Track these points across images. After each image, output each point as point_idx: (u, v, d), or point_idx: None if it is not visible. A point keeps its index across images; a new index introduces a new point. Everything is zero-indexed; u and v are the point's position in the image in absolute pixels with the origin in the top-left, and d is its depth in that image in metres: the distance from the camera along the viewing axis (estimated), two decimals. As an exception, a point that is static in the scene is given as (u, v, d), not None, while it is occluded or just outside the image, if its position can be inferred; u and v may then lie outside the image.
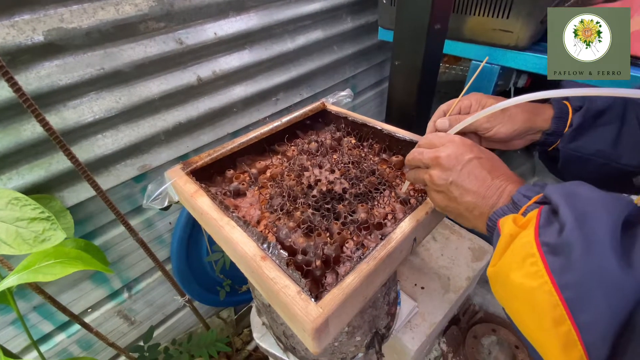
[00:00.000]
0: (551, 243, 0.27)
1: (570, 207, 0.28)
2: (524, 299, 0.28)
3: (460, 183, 0.38)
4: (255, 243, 0.42)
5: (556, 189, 0.31)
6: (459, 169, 0.38)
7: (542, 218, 0.29)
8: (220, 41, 0.84)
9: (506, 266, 0.30)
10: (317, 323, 0.33)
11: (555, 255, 0.27)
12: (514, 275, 0.29)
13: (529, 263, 0.28)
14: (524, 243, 0.29)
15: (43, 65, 0.62)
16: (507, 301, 0.31)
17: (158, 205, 0.56)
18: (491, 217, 0.35)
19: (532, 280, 0.27)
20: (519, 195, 0.34)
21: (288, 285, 0.37)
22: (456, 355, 1.16)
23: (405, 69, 0.78)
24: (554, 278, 0.26)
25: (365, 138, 0.69)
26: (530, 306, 0.27)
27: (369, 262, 0.39)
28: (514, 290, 0.29)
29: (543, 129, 0.49)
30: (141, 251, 0.90)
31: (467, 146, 0.40)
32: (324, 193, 0.54)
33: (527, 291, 0.27)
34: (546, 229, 0.28)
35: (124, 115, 0.74)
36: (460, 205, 0.38)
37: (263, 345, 0.76)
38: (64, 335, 0.85)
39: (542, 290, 0.26)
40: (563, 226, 0.27)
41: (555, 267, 0.26)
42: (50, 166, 0.68)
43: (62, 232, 0.42)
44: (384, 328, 0.69)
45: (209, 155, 0.61)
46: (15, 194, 0.41)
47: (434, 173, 0.40)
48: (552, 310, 0.25)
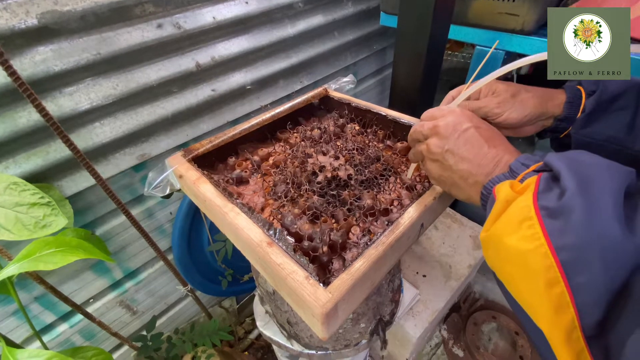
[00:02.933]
0: (550, 207, 0.26)
1: (572, 172, 0.27)
2: (517, 262, 0.28)
3: (456, 151, 0.37)
4: (261, 229, 0.41)
5: (557, 156, 0.30)
6: (456, 136, 0.37)
7: (541, 184, 0.29)
8: (219, 26, 0.81)
9: (500, 230, 0.29)
10: (326, 308, 0.32)
11: (554, 219, 0.26)
12: (509, 239, 0.28)
13: (526, 226, 0.27)
14: (522, 207, 0.28)
15: (37, 50, 0.60)
16: (499, 265, 0.30)
17: (159, 193, 0.55)
18: (486, 185, 0.34)
19: (527, 243, 0.26)
20: (517, 163, 0.33)
21: (296, 271, 0.36)
22: (457, 342, 1.17)
23: (410, 53, 0.76)
24: (550, 240, 0.25)
25: (369, 124, 0.68)
26: (524, 269, 0.27)
27: (377, 247, 0.38)
28: (507, 254, 0.28)
29: (555, 115, 0.48)
30: (142, 241, 0.89)
31: (466, 115, 0.39)
32: (329, 179, 0.53)
33: (522, 253, 0.27)
34: (546, 194, 0.28)
35: (122, 102, 0.73)
36: (454, 173, 0.38)
37: (266, 333, 0.77)
38: (67, 325, 0.85)
39: (537, 253, 0.25)
40: (564, 191, 0.26)
41: (553, 230, 0.25)
42: (48, 155, 0.66)
43: (64, 217, 0.41)
44: (388, 315, 0.69)
45: (210, 142, 0.60)
46: (14, 179, 0.40)
47: (430, 142, 0.40)
48: (546, 272, 0.25)
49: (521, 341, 1.13)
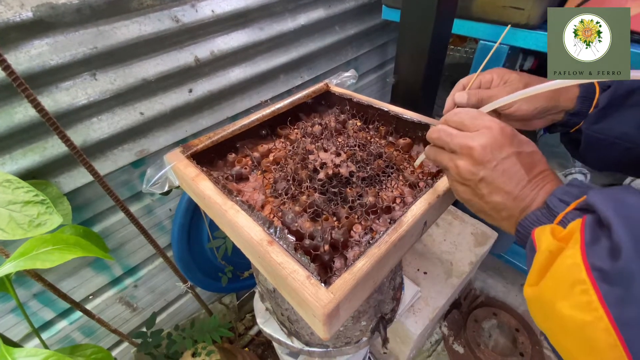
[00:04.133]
0: (604, 269, 0.24)
1: (623, 222, 0.24)
2: (574, 334, 0.25)
3: (492, 181, 0.33)
4: (261, 227, 0.41)
5: (600, 195, 0.27)
6: (494, 164, 0.33)
7: (587, 233, 0.26)
8: (218, 19, 0.80)
9: (550, 292, 0.26)
10: (328, 308, 0.32)
11: (611, 285, 0.23)
12: (561, 305, 0.25)
13: (579, 291, 0.24)
14: (570, 266, 0.25)
15: (33, 44, 0.59)
16: (552, 331, 0.28)
17: (158, 190, 0.54)
18: (522, 222, 0.32)
19: (584, 313, 0.24)
20: (555, 199, 0.30)
21: (297, 270, 0.35)
22: (457, 338, 1.17)
23: (412, 48, 0.75)
24: (610, 312, 0.23)
25: (371, 120, 0.67)
26: (583, 343, 0.24)
27: (380, 246, 0.38)
28: (561, 322, 0.26)
29: (566, 109, 0.47)
30: (142, 238, 0.89)
31: (507, 137, 0.33)
32: (330, 177, 0.52)
33: (579, 326, 0.24)
34: (595, 248, 0.25)
35: (120, 97, 0.71)
36: (486, 204, 0.34)
37: (267, 331, 0.76)
38: (66, 322, 0.85)
39: (597, 327, 0.23)
40: (619, 249, 0.24)
41: (612, 300, 0.23)
42: (45, 151, 0.65)
43: (59, 216, 0.40)
44: (389, 312, 0.68)
45: (209, 138, 0.59)
46: (7, 176, 0.39)
47: (462, 164, 0.35)
48: (610, 351, 0.22)
49: (521, 338, 1.13)
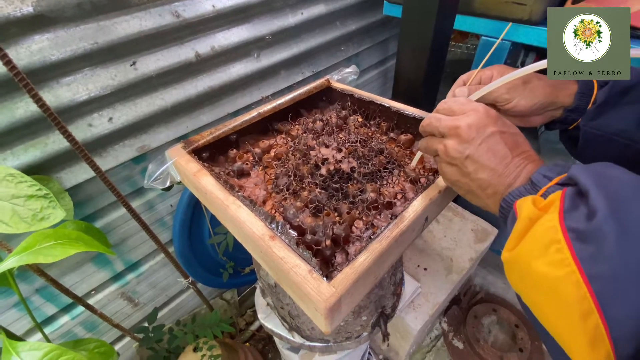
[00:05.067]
0: (579, 229, 0.25)
1: (601, 190, 0.25)
2: (547, 290, 0.26)
3: (477, 158, 0.35)
4: (263, 222, 0.41)
5: (583, 170, 0.28)
6: (478, 142, 0.35)
7: (567, 201, 0.27)
8: (219, 14, 0.80)
9: (526, 253, 0.28)
10: (330, 302, 0.32)
11: (584, 243, 0.24)
12: (536, 264, 0.26)
13: (554, 250, 0.25)
14: (548, 228, 0.27)
15: (34, 39, 0.59)
16: (525, 290, 0.29)
17: (159, 185, 0.54)
18: (506, 197, 0.33)
19: (557, 269, 0.25)
20: (539, 175, 0.31)
21: (299, 265, 0.35)
22: (457, 334, 1.18)
23: (414, 44, 0.74)
24: (582, 268, 0.24)
25: (372, 116, 0.67)
26: (555, 298, 0.25)
27: (382, 241, 0.38)
28: (535, 280, 0.27)
29: (565, 105, 0.47)
30: (143, 234, 0.89)
31: (491, 117, 0.36)
32: (332, 172, 0.52)
33: (551, 281, 0.25)
34: (572, 213, 0.26)
35: (121, 93, 0.71)
36: (473, 181, 0.36)
37: (268, 326, 0.77)
38: (68, 317, 0.86)
39: (569, 281, 0.24)
40: (594, 212, 0.25)
41: (584, 256, 0.24)
42: (46, 146, 0.66)
43: (62, 210, 0.40)
44: (390, 308, 0.69)
45: (210, 134, 0.59)
46: (10, 170, 0.39)
47: (449, 144, 0.37)
48: (580, 303, 0.24)
49: (521, 334, 1.13)
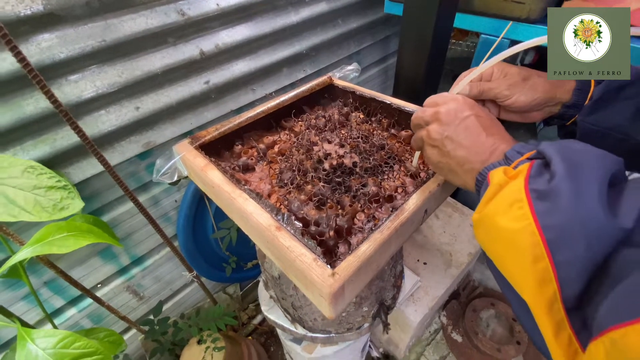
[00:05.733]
0: (540, 189, 0.28)
1: (562, 157, 0.29)
2: (506, 240, 0.29)
3: (455, 137, 0.38)
4: (270, 214, 0.43)
5: (549, 144, 0.31)
6: (456, 123, 0.38)
7: (533, 169, 0.30)
8: (223, 13, 0.81)
9: (493, 211, 0.31)
10: (334, 288, 0.34)
11: (543, 201, 0.28)
12: (500, 219, 0.30)
13: (516, 207, 0.29)
14: (513, 190, 0.30)
15: (43, 37, 0.60)
16: (489, 243, 0.32)
17: (167, 179, 0.56)
18: (481, 171, 0.36)
19: (516, 223, 0.28)
20: (512, 151, 0.34)
21: (304, 254, 0.37)
22: (455, 328, 1.20)
23: (415, 42, 0.76)
24: (538, 220, 0.27)
25: (373, 113, 0.68)
26: (512, 246, 0.29)
27: (383, 231, 0.39)
28: (497, 232, 0.30)
29: (563, 101, 0.49)
30: (149, 228, 0.91)
31: (468, 104, 0.40)
32: (335, 167, 0.54)
33: (511, 232, 0.29)
34: (536, 178, 0.29)
35: (127, 90, 0.73)
36: (452, 159, 0.39)
37: (271, 317, 0.79)
38: (75, 310, 0.87)
39: (525, 231, 0.27)
40: (554, 175, 0.28)
41: (541, 210, 0.27)
42: (55, 142, 0.67)
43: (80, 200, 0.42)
44: (390, 299, 0.71)
45: (216, 129, 0.60)
46: (30, 163, 0.40)
47: (431, 128, 0.41)
48: (533, 248, 0.27)
49: (518, 327, 1.15)
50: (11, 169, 0.39)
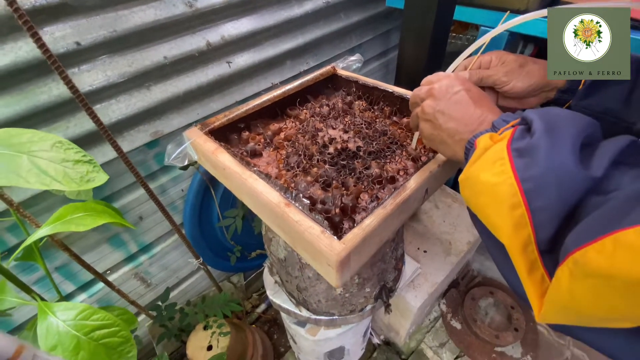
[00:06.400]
0: (520, 148, 0.31)
1: (542, 119, 0.31)
2: (488, 193, 0.32)
3: (446, 110, 0.41)
4: (279, 192, 0.45)
5: (532, 110, 0.34)
6: (448, 97, 0.41)
7: (516, 133, 0.33)
8: (229, 4, 0.83)
9: (476, 170, 0.34)
10: (341, 256, 0.36)
11: (522, 157, 0.30)
12: (483, 175, 0.33)
13: (498, 164, 0.31)
14: (496, 150, 0.32)
15: (57, 27, 0.63)
16: (473, 198, 0.35)
17: (178, 163, 0.58)
18: (470, 140, 0.38)
19: (497, 177, 0.31)
20: (499, 120, 0.37)
21: (312, 226, 0.40)
22: (455, 315, 1.23)
23: (416, 34, 0.78)
24: (517, 173, 0.30)
25: (376, 101, 0.71)
26: (493, 197, 0.31)
27: (386, 207, 0.42)
28: (480, 187, 0.33)
29: (558, 87, 0.51)
30: (156, 216, 0.93)
31: (459, 79, 0.42)
32: (339, 151, 0.56)
33: (492, 185, 0.31)
34: (518, 140, 0.32)
35: (137, 80, 0.75)
36: (443, 131, 0.41)
37: (276, 301, 0.81)
38: (85, 295, 0.90)
39: (505, 183, 0.30)
40: (533, 134, 0.31)
41: (520, 165, 0.30)
42: (67, 129, 0.69)
43: (104, 174, 0.44)
44: (392, 282, 0.73)
45: (225, 116, 0.62)
46: (58, 138, 0.43)
47: (425, 103, 0.43)
48: (511, 198, 0.29)
49: (516, 315, 1.18)
50: (42, 142, 0.42)
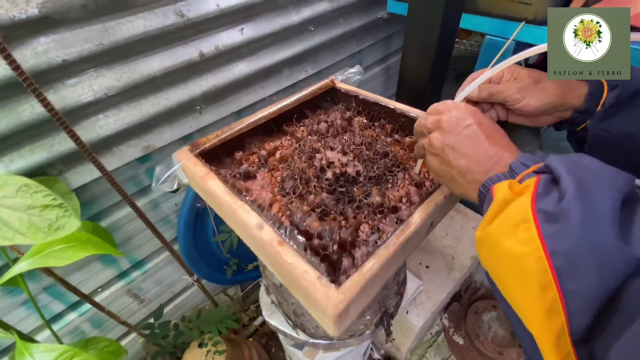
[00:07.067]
0: (548, 210, 0.26)
1: (572, 175, 0.27)
2: (512, 264, 0.28)
3: (457, 146, 0.37)
4: (272, 228, 0.42)
5: (558, 158, 0.30)
6: (458, 131, 0.37)
7: (540, 186, 0.28)
8: (223, 14, 0.79)
9: (497, 231, 0.29)
10: (339, 309, 0.33)
11: (551, 223, 0.26)
12: (505, 241, 0.28)
13: (523, 229, 0.27)
14: (520, 210, 0.28)
15: (39, 41, 0.59)
16: (493, 265, 0.31)
17: (167, 188, 0.55)
18: (485, 182, 0.34)
19: (523, 246, 0.26)
20: (518, 163, 0.32)
21: (307, 271, 0.36)
22: (457, 330, 1.20)
23: (419, 44, 0.74)
24: (546, 244, 0.25)
25: (376, 118, 0.67)
26: (518, 271, 0.27)
27: (389, 247, 0.38)
28: (502, 255, 0.28)
29: (574, 106, 0.47)
30: (148, 232, 0.90)
31: (470, 111, 0.38)
32: (338, 176, 0.52)
33: (517, 256, 0.27)
34: (544, 197, 0.27)
35: (126, 93, 0.71)
36: (453, 169, 0.37)
37: (272, 323, 0.78)
38: (75, 314, 0.87)
39: (532, 256, 0.26)
40: (563, 195, 0.26)
41: (549, 234, 0.25)
42: (52, 147, 0.66)
43: (77, 219, 0.41)
44: (393, 307, 0.70)
45: (216, 136, 0.59)
46: (25, 180, 0.39)
47: (432, 136, 0.39)
48: (540, 276, 0.25)
49: (521, 330, 1.15)
50: (6, 187, 0.38)
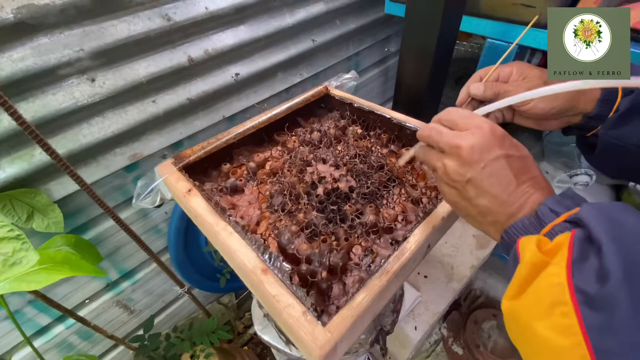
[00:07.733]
0: (589, 293, 0.23)
1: (617, 246, 0.23)
2: (548, 356, 0.24)
3: (479, 183, 0.32)
4: (255, 253, 0.39)
5: (594, 212, 0.26)
6: (482, 166, 0.31)
7: (575, 250, 0.24)
8: (212, 16, 0.76)
9: (528, 309, 0.25)
10: (325, 350, 0.30)
11: (594, 310, 0.22)
12: (539, 325, 0.24)
13: (559, 313, 0.23)
14: (553, 285, 0.24)
15: (15, 48, 0.56)
16: (525, 350, 0.27)
17: (148, 204, 0.52)
18: (508, 230, 0.30)
19: (562, 337, 0.23)
20: (545, 208, 0.29)
21: (292, 305, 0.33)
22: (456, 340, 1.17)
23: (417, 49, 0.71)
24: (590, 339, 0.22)
25: (372, 127, 0.64)
26: None
27: (381, 277, 0.35)
28: (536, 342, 0.25)
29: (585, 112, 0.44)
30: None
31: (497, 138, 0.32)
32: (329, 192, 0.49)
33: (555, 348, 0.23)
34: (582, 268, 0.24)
35: (110, 100, 0.68)
36: (473, 207, 0.33)
37: (265, 338, 0.76)
38: (63, 327, 0.84)
39: (574, 354, 0.22)
40: (607, 273, 0.22)
41: (592, 325, 0.22)
42: (32, 158, 0.63)
43: (35, 253, 0.38)
44: (389, 325, 0.67)
45: (202, 148, 0.56)
46: (-21, 211, 0.37)
47: (449, 164, 0.33)
48: None
49: (521, 339, 1.12)
50: None
